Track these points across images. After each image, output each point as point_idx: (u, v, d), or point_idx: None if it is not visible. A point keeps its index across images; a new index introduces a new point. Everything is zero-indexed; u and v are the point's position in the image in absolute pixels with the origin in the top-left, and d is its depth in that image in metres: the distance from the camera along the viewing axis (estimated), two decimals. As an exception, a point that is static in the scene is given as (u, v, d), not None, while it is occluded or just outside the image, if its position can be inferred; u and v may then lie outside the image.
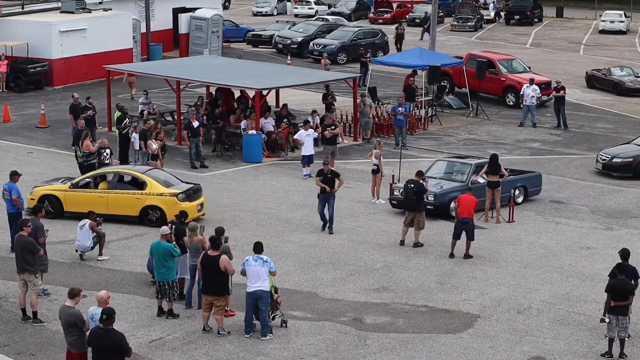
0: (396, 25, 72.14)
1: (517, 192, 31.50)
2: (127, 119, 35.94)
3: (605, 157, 36.13)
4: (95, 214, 25.77)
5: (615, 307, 20.14)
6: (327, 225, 28.55)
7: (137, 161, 34.57)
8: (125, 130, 35.48)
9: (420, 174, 28.44)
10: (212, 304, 20.96)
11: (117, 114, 36.61)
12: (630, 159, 35.66)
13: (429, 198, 29.42)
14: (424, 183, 28.27)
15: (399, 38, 65.46)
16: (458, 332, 21.70)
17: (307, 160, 34.76)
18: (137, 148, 34.15)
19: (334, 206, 28.57)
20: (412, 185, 27.84)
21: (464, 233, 26.72)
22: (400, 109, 39.21)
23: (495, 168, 30.32)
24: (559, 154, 39.44)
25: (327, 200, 28.40)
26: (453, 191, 29.83)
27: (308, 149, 34.76)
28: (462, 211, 26.76)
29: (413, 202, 27.72)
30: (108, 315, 16.71)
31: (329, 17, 76.13)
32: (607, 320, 20.22)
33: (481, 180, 30.81)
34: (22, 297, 21.63)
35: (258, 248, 21.23)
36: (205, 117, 38.16)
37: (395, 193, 30.75)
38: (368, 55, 53.06)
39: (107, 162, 32.16)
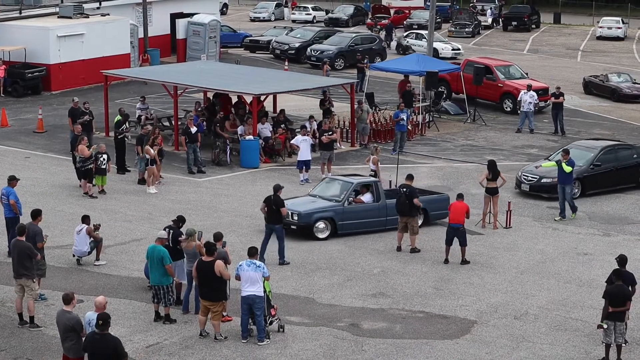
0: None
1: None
2: (125, 125, 35.88)
3: (532, 177, 33.64)
4: (89, 219, 25.84)
5: (612, 313, 20.14)
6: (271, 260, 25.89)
7: (136, 166, 34.55)
8: (122, 136, 35.46)
9: (411, 177, 28.31)
10: (208, 309, 20.97)
11: (117, 118, 36.60)
12: None
13: (294, 218, 28.25)
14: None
15: None
16: (455, 337, 21.70)
17: (304, 165, 34.77)
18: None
19: (284, 238, 26.29)
20: (404, 190, 27.74)
21: (456, 239, 26.72)
22: (402, 115, 39.20)
23: (494, 174, 30.27)
24: (556, 160, 39.42)
25: (272, 232, 26.15)
26: (321, 211, 28.34)
27: (304, 154, 34.77)
28: (452, 217, 26.75)
29: (405, 207, 27.60)
30: (104, 320, 16.71)
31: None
32: (605, 326, 20.22)
33: (365, 200, 28.94)
34: (19, 302, 21.61)
35: (252, 252, 21.28)
36: (204, 122, 38.12)
37: (292, 221, 28.42)
38: (365, 61, 53.16)
39: (103, 167, 32.18)
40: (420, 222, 28.78)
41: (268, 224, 26.32)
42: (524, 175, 34.14)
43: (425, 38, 66.26)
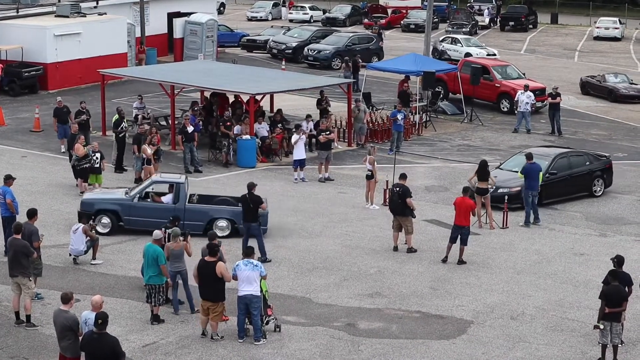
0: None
1: (222, 223, 28.05)
2: (124, 123, 35.90)
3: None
4: (87, 218, 25.83)
5: (609, 313, 20.15)
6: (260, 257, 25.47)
7: (134, 166, 34.53)
8: (122, 134, 35.47)
9: (404, 177, 28.27)
10: (209, 309, 20.96)
11: (115, 117, 36.60)
12: (518, 188, 31.27)
13: (81, 207, 27.76)
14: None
15: None
16: (451, 338, 21.71)
17: (299, 164, 34.78)
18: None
19: (261, 235, 26.30)
20: (397, 189, 27.68)
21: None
22: (399, 115, 39.20)
23: (483, 174, 30.27)
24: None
25: (249, 231, 26.02)
26: (105, 202, 27.76)
27: (299, 153, 34.78)
28: (457, 219, 26.68)
29: (398, 206, 27.55)
30: (103, 319, 16.70)
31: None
32: (601, 327, 20.22)
33: (165, 200, 27.96)
34: (15, 300, 21.59)
35: (248, 252, 21.30)
36: (201, 122, 38.13)
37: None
38: (358, 60, 53.35)
39: (97, 166, 32.15)
40: (225, 233, 27.89)
41: (245, 222, 26.26)
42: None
43: (460, 43, 65.19)
